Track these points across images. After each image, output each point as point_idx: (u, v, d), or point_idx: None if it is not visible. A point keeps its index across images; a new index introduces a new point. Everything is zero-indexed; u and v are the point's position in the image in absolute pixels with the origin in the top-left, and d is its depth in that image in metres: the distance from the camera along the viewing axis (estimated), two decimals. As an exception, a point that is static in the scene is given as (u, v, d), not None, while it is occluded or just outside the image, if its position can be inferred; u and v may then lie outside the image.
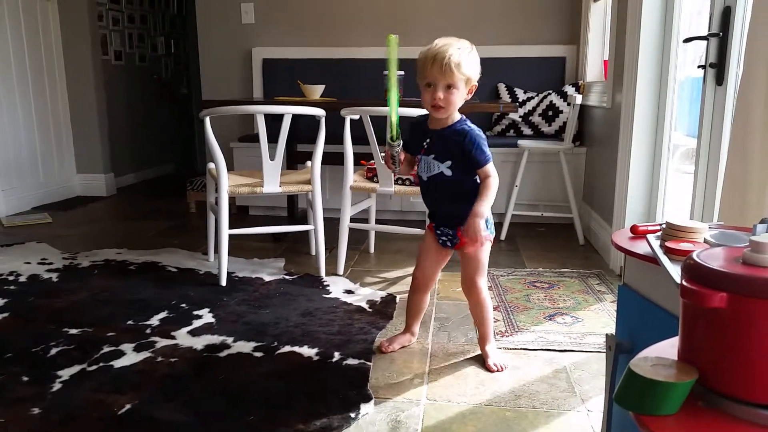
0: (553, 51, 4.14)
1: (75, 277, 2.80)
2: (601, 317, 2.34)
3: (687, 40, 2.18)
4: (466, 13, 4.18)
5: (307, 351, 2.04)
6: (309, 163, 2.83)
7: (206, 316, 2.34)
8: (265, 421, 1.62)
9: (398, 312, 2.39)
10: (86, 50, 4.73)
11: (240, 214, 4.13)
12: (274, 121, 2.69)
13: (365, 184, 2.80)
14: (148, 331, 2.20)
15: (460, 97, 1.79)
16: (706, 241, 1.04)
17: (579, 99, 3.36)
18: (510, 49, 4.15)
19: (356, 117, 2.73)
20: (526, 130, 4.01)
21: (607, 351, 1.24)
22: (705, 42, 2.05)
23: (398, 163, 1.94)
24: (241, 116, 4.27)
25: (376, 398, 1.75)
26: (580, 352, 2.05)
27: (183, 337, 2.15)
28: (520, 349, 2.08)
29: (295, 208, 3.58)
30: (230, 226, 2.67)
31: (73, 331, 2.19)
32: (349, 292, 2.62)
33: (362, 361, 1.97)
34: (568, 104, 3.82)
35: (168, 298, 2.52)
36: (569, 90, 3.91)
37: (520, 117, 4.00)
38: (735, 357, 0.66)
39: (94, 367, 1.92)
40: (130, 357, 1.99)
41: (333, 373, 1.90)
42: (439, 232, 1.97)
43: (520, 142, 3.57)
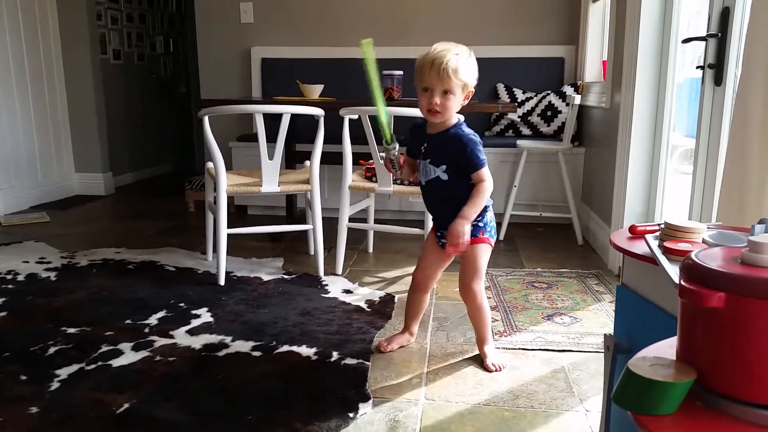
0: (552, 51, 4.14)
1: (73, 276, 2.80)
2: (600, 317, 2.34)
3: (686, 41, 2.19)
4: (465, 14, 4.19)
5: (305, 350, 2.04)
6: (308, 163, 2.83)
7: (205, 316, 2.33)
8: (263, 420, 1.62)
9: (397, 312, 2.39)
10: (85, 49, 4.73)
11: (239, 213, 4.13)
12: (272, 121, 2.69)
13: (364, 184, 2.80)
14: (147, 330, 2.20)
15: (457, 103, 1.80)
16: (704, 242, 1.04)
17: (578, 99, 3.37)
18: (509, 50, 4.15)
19: (355, 117, 2.73)
20: (525, 131, 4.01)
21: (605, 351, 1.24)
22: (704, 42, 2.05)
23: (398, 167, 1.94)
24: (240, 116, 4.27)
25: (374, 398, 1.75)
26: (578, 352, 2.05)
27: (181, 337, 2.15)
28: (519, 349, 2.08)
29: (293, 208, 3.58)
30: (229, 226, 2.67)
31: (72, 331, 2.18)
32: (347, 291, 2.62)
33: (361, 361, 1.97)
34: (567, 104, 3.82)
35: (166, 298, 2.52)
36: (568, 90, 3.91)
37: (519, 117, 4.00)
38: (733, 357, 0.66)
39: (93, 367, 1.91)
40: (129, 356, 1.99)
41: (331, 372, 1.90)
42: (439, 234, 1.98)
43: (519, 142, 3.57)
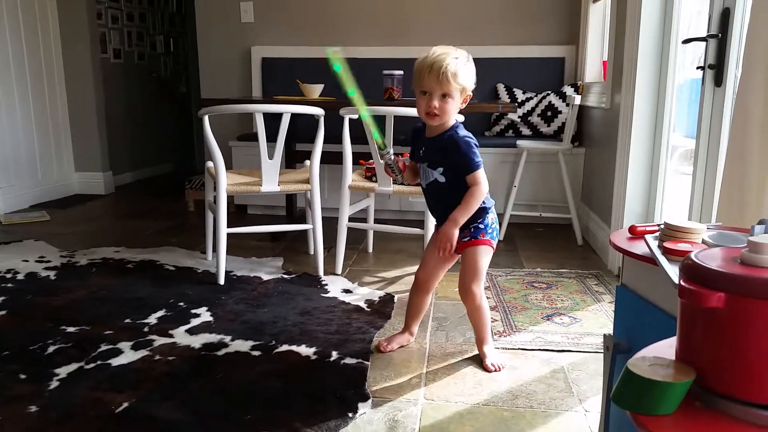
0: (552, 51, 4.14)
1: (73, 275, 2.80)
2: (599, 318, 2.34)
3: (686, 41, 2.19)
4: (465, 14, 4.19)
5: (305, 350, 2.04)
6: (308, 163, 2.83)
7: (204, 315, 2.33)
8: (262, 420, 1.62)
9: (396, 312, 2.39)
10: (85, 48, 4.73)
11: (238, 213, 4.13)
12: (273, 120, 2.68)
13: (364, 184, 2.80)
14: (146, 329, 2.20)
15: (455, 107, 1.80)
16: (704, 242, 1.04)
17: (578, 99, 3.37)
18: (509, 50, 4.15)
19: (355, 116, 2.73)
20: (525, 131, 4.01)
21: (604, 351, 1.24)
22: (704, 43, 2.05)
23: (398, 171, 1.95)
24: (240, 115, 4.27)
25: (373, 398, 1.75)
26: (577, 353, 2.05)
27: (181, 336, 2.15)
28: (518, 349, 2.08)
29: (293, 208, 3.58)
30: (229, 225, 2.67)
31: (71, 329, 2.18)
32: (347, 291, 2.62)
33: (360, 361, 1.97)
34: (567, 105, 3.82)
35: (166, 297, 2.52)
36: (568, 90, 3.91)
37: (519, 117, 4.00)
38: (733, 357, 0.66)
39: (92, 366, 1.91)
40: (128, 355, 1.99)
41: (331, 372, 1.90)
42: None
43: (519, 142, 3.57)
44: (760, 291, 0.64)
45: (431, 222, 2.58)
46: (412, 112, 2.45)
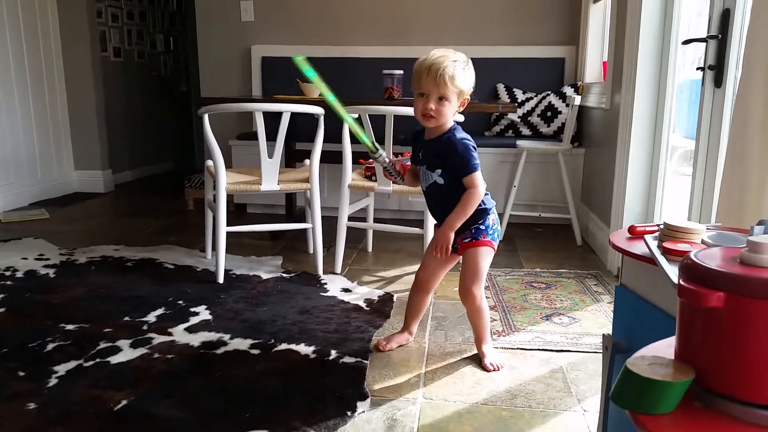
0: (553, 52, 4.14)
1: (72, 273, 2.80)
2: (598, 318, 2.34)
3: (686, 42, 2.19)
4: (465, 13, 4.19)
5: (304, 349, 2.04)
6: (307, 162, 2.83)
7: (203, 313, 2.33)
8: (261, 418, 1.62)
9: (395, 311, 2.39)
10: (85, 47, 4.72)
11: (238, 211, 4.13)
12: (272, 119, 2.68)
13: (364, 183, 2.80)
14: (145, 327, 2.20)
15: (452, 110, 1.81)
16: (703, 242, 1.04)
17: (578, 100, 3.37)
18: (509, 50, 4.15)
19: (355, 116, 2.72)
20: (525, 131, 4.02)
21: (603, 351, 1.24)
22: (704, 44, 2.05)
23: (396, 173, 1.95)
24: (240, 114, 4.27)
25: (372, 397, 1.75)
26: (576, 353, 2.05)
27: (180, 334, 2.15)
28: (517, 348, 2.08)
29: (293, 207, 3.58)
30: (228, 224, 2.67)
31: (70, 327, 2.18)
32: (346, 290, 2.62)
33: (359, 360, 1.97)
34: (567, 105, 3.83)
35: (165, 295, 2.51)
36: (568, 91, 3.92)
37: (519, 117, 4.00)
38: (732, 357, 0.66)
39: (91, 363, 1.91)
40: (127, 353, 1.99)
41: (330, 371, 1.90)
42: None
43: (519, 142, 3.58)
44: (760, 291, 0.64)
45: (431, 222, 2.58)
46: (412, 111, 2.45)
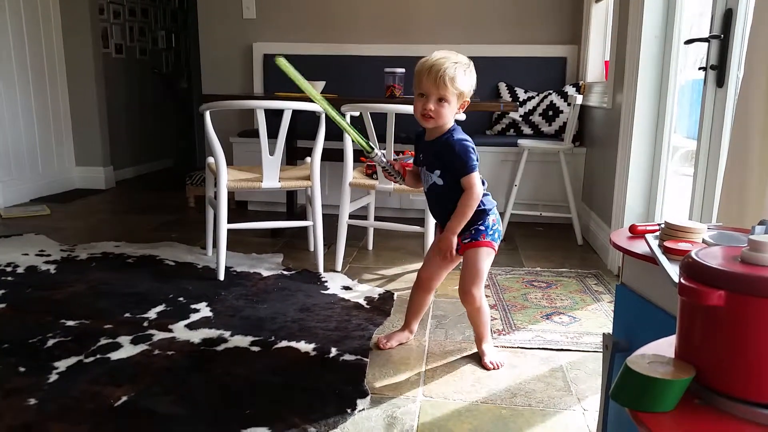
0: (554, 51, 4.14)
1: (73, 270, 2.80)
2: (599, 317, 2.34)
3: (688, 42, 2.19)
4: (467, 12, 4.18)
5: (304, 346, 2.04)
6: (308, 159, 2.83)
7: (204, 310, 2.34)
8: (261, 415, 1.62)
9: (396, 309, 2.39)
10: (87, 43, 4.73)
11: (239, 209, 4.13)
12: (274, 117, 2.68)
13: (365, 181, 2.80)
14: (146, 324, 2.20)
15: (451, 111, 1.80)
16: (704, 242, 1.05)
17: (579, 99, 3.37)
18: (511, 49, 4.15)
19: (356, 113, 2.73)
20: (526, 130, 4.01)
21: (603, 350, 1.24)
22: (706, 44, 2.05)
23: (396, 173, 1.95)
24: (241, 111, 4.27)
25: (372, 394, 1.75)
26: (576, 352, 2.05)
27: (180, 331, 2.15)
28: (517, 347, 2.08)
29: (294, 204, 3.58)
30: (229, 221, 2.67)
31: (70, 323, 2.19)
32: (347, 288, 2.62)
33: (359, 357, 1.97)
34: (569, 104, 3.83)
35: (166, 292, 2.52)
36: (570, 90, 3.91)
37: (521, 116, 4.00)
38: (732, 355, 0.66)
39: (91, 359, 1.92)
40: (127, 349, 1.99)
41: (330, 368, 1.90)
42: None
43: (520, 141, 3.57)
44: (761, 289, 0.64)
45: (431, 220, 2.59)
46: (410, 109, 2.45)
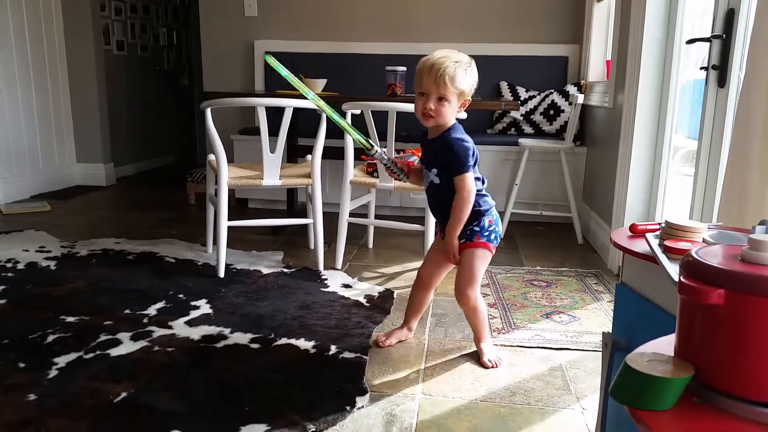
0: (556, 50, 4.13)
1: (73, 266, 2.80)
2: (598, 316, 2.34)
3: (690, 42, 2.18)
4: (469, 11, 4.18)
5: (303, 344, 2.04)
6: (309, 157, 2.83)
7: (204, 307, 2.34)
8: (260, 412, 1.62)
9: (395, 307, 2.39)
10: (88, 40, 4.72)
11: (239, 206, 4.13)
12: (275, 114, 2.68)
13: (365, 179, 2.80)
14: (146, 320, 2.20)
15: (451, 110, 1.80)
16: (704, 241, 1.05)
17: (581, 98, 3.36)
18: (513, 48, 4.15)
19: (357, 112, 2.73)
20: (527, 129, 4.01)
21: (603, 348, 1.24)
22: (708, 44, 2.05)
23: (399, 171, 1.95)
24: (242, 108, 4.27)
25: (371, 392, 1.76)
26: (576, 351, 2.05)
27: (180, 327, 2.15)
28: (517, 346, 2.08)
29: (294, 202, 3.58)
30: (229, 218, 2.67)
31: (71, 319, 2.19)
32: (346, 286, 2.62)
33: (359, 355, 1.97)
34: (570, 104, 3.83)
35: (166, 289, 2.52)
36: (571, 89, 3.91)
37: (522, 115, 4.00)
38: (731, 354, 0.66)
39: (91, 355, 1.92)
40: (127, 346, 1.99)
41: (329, 366, 1.90)
42: (442, 236, 1.98)
43: (521, 140, 3.57)
44: (761, 288, 0.64)
45: (432, 219, 2.59)
46: (410, 107, 2.45)
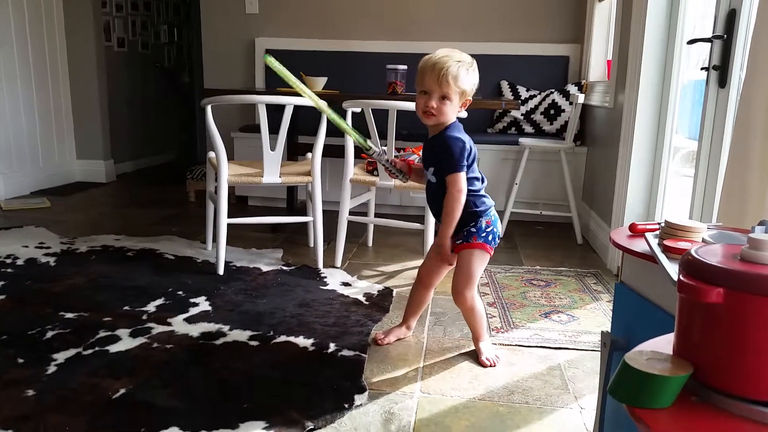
0: (557, 50, 4.13)
1: (72, 262, 2.80)
2: (597, 316, 2.34)
3: (691, 42, 2.18)
4: (470, 10, 4.18)
5: (302, 341, 2.04)
6: (309, 155, 2.83)
7: (203, 304, 2.34)
8: (259, 409, 1.62)
9: (395, 305, 2.39)
10: (89, 36, 4.72)
11: (239, 203, 4.13)
12: (275, 112, 2.68)
13: (365, 177, 2.80)
14: (145, 317, 2.20)
15: (453, 109, 1.80)
16: (704, 241, 1.05)
17: (581, 98, 3.36)
18: (513, 47, 4.14)
19: (358, 110, 2.73)
20: (528, 128, 4.01)
21: (602, 348, 1.24)
22: (709, 44, 2.05)
23: (398, 171, 1.95)
24: (243, 106, 4.27)
25: (370, 390, 1.76)
26: (574, 350, 2.05)
27: (179, 324, 2.15)
28: (515, 345, 2.08)
29: (294, 200, 3.58)
30: (229, 216, 2.67)
31: (70, 316, 2.19)
32: (346, 284, 2.62)
33: (357, 353, 1.97)
34: (570, 103, 3.82)
35: (165, 286, 2.52)
36: (572, 89, 3.91)
37: (522, 115, 4.00)
38: (730, 353, 0.66)
39: (90, 352, 1.92)
40: (126, 342, 1.99)
41: (328, 363, 1.90)
42: None
43: (521, 140, 3.57)
44: (760, 287, 0.64)
45: (431, 217, 2.59)
46: (411, 106, 2.45)
